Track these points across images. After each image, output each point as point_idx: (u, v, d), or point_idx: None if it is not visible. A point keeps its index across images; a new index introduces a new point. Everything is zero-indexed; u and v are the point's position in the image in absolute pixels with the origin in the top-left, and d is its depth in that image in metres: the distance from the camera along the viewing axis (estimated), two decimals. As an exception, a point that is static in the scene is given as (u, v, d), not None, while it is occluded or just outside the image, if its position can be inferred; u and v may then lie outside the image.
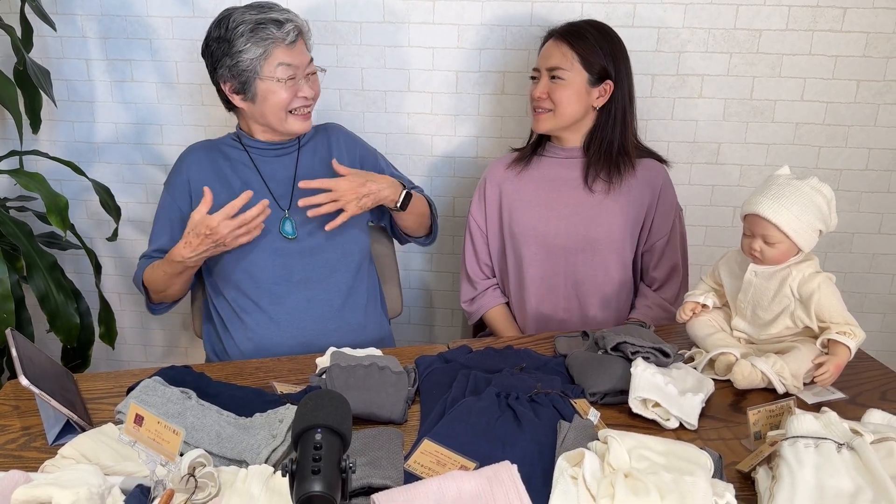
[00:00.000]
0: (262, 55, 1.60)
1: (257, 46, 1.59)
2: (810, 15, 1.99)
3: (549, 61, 1.72)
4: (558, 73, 1.70)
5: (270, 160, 1.75)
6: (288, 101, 1.64)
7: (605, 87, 1.72)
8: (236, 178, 1.72)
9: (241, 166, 1.74)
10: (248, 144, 1.75)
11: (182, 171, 1.73)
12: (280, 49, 1.61)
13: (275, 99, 1.63)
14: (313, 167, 1.77)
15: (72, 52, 2.17)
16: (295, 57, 1.63)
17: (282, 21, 1.61)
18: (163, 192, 1.76)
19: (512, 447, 1.14)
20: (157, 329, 2.51)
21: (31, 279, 1.87)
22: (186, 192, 1.72)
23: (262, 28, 1.59)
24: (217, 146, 1.77)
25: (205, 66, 1.71)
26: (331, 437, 0.88)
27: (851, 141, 2.11)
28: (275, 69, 1.61)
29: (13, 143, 2.23)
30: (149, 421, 0.94)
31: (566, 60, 1.70)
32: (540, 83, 1.74)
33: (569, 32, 1.72)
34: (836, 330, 1.33)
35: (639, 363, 1.29)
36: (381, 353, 1.46)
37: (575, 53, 1.70)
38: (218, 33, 1.63)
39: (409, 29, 2.09)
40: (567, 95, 1.71)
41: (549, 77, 1.72)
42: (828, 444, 1.04)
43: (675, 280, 1.83)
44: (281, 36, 1.60)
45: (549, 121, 1.75)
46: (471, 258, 1.92)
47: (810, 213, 1.32)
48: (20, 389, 1.35)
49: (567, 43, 1.71)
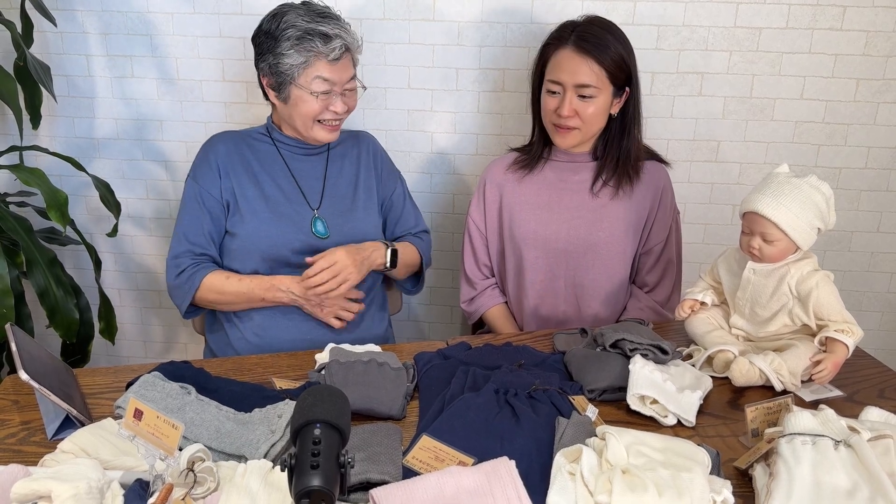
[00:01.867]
0: (303, 64, 1.59)
1: (300, 55, 1.58)
2: (810, 13, 1.99)
3: (577, 77, 1.63)
4: (588, 91, 1.63)
5: (300, 158, 1.75)
6: (317, 112, 1.64)
7: (624, 95, 1.70)
8: (264, 174, 1.71)
9: (270, 162, 1.73)
10: (279, 139, 1.75)
11: (209, 159, 1.70)
12: (322, 63, 1.59)
13: (305, 108, 1.63)
14: (342, 170, 1.78)
15: (72, 47, 2.17)
16: (335, 73, 1.61)
17: (331, 36, 1.58)
18: (187, 183, 1.72)
19: (510, 443, 1.14)
20: (157, 325, 2.52)
21: (30, 275, 1.87)
22: (216, 178, 1.69)
23: (308, 39, 1.57)
24: (244, 138, 1.75)
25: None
26: (330, 432, 0.88)
27: (851, 139, 2.11)
28: (311, 81, 1.60)
29: (13, 139, 2.23)
30: (148, 415, 0.94)
31: (595, 77, 1.63)
32: (566, 100, 1.65)
33: (592, 45, 1.63)
34: (834, 328, 1.34)
35: (637, 360, 1.29)
36: (380, 350, 1.46)
37: (604, 69, 1.63)
38: (269, 27, 1.62)
39: (409, 26, 2.09)
40: (595, 112, 1.66)
41: (575, 94, 1.64)
42: (825, 442, 1.04)
43: (668, 282, 1.83)
44: (325, 51, 1.58)
45: (576, 137, 1.70)
46: (469, 259, 1.92)
47: (809, 211, 1.32)
48: (20, 384, 1.36)
49: (594, 59, 1.62)
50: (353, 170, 1.80)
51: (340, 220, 1.73)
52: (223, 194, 1.69)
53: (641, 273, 1.84)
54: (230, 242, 1.69)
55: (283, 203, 1.70)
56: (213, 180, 1.69)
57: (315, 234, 1.69)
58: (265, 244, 1.65)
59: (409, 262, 1.82)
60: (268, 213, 1.67)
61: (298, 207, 1.71)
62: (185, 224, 1.69)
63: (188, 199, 1.70)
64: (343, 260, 1.62)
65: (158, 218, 2.35)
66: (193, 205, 1.69)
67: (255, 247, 1.66)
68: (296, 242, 1.67)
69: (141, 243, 2.40)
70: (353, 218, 1.74)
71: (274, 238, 1.66)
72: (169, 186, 2.31)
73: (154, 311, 2.49)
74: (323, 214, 1.71)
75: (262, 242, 1.65)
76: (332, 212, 1.73)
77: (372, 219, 1.79)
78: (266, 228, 1.66)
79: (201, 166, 1.71)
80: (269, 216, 1.67)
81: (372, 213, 1.79)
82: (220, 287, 1.65)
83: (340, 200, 1.75)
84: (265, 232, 1.66)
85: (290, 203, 1.70)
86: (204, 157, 1.72)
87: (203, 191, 1.69)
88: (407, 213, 1.89)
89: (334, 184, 1.76)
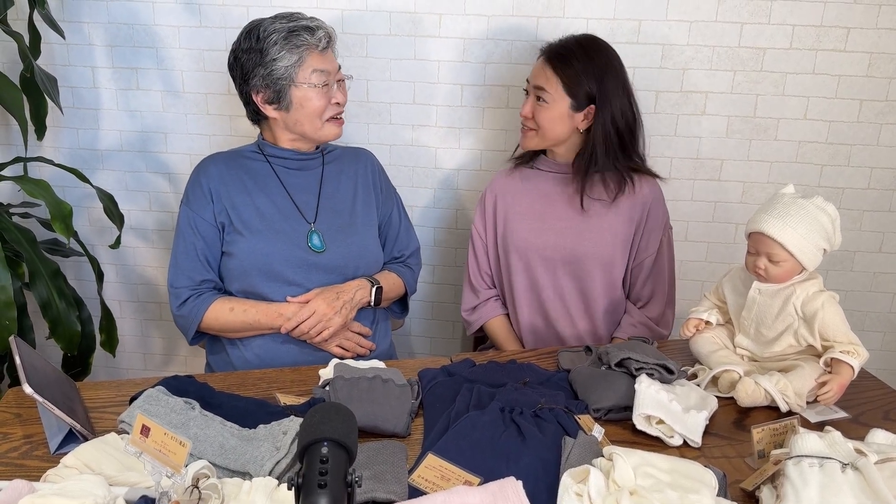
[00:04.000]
0: (297, 62, 1.61)
1: (292, 53, 1.61)
2: (814, 34, 2.01)
3: (535, 80, 1.74)
4: (542, 94, 1.72)
5: (294, 173, 1.75)
6: (324, 107, 1.66)
7: (588, 111, 1.72)
8: (259, 191, 1.70)
9: (264, 178, 1.73)
10: (271, 154, 1.75)
11: (201, 183, 1.70)
12: (314, 55, 1.63)
13: (311, 106, 1.65)
14: (339, 183, 1.78)
15: (78, 59, 2.18)
16: (327, 63, 1.65)
17: (313, 28, 1.63)
18: (181, 209, 1.71)
19: (516, 463, 1.14)
20: (157, 337, 2.51)
21: (33, 286, 1.87)
22: (208, 202, 1.68)
23: (295, 35, 1.61)
24: (236, 159, 1.75)
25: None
26: (337, 451, 0.88)
27: (854, 160, 2.12)
28: (310, 75, 1.63)
29: (17, 150, 2.23)
30: (155, 432, 0.94)
31: (550, 84, 1.71)
32: (527, 101, 1.77)
33: (556, 55, 1.72)
34: (839, 349, 1.34)
35: (643, 380, 1.29)
36: (384, 366, 1.46)
37: (558, 79, 1.70)
38: (248, 44, 1.63)
39: (414, 42, 2.10)
40: (550, 118, 1.73)
41: (534, 96, 1.75)
42: (832, 464, 1.04)
43: (661, 298, 1.84)
44: (314, 42, 1.62)
45: (534, 139, 1.79)
46: (473, 267, 1.94)
47: (815, 232, 1.32)
48: (22, 397, 1.35)
49: (551, 66, 1.71)
50: (350, 185, 1.80)
51: (340, 235, 1.72)
52: (217, 217, 1.68)
53: (634, 288, 1.85)
54: (228, 262, 1.68)
55: (279, 219, 1.69)
56: (205, 205, 1.68)
57: (311, 249, 1.69)
58: (261, 261, 1.65)
59: (392, 295, 1.83)
60: (263, 230, 1.67)
61: (294, 223, 1.70)
62: (181, 252, 1.69)
63: (182, 226, 1.70)
64: (321, 309, 1.62)
65: (161, 230, 2.35)
66: (187, 231, 1.69)
67: (251, 265, 1.65)
68: (292, 258, 1.66)
69: (143, 255, 2.39)
70: (352, 233, 1.74)
71: (270, 254, 1.65)
72: (172, 198, 2.31)
73: (154, 322, 2.48)
74: (319, 228, 1.71)
75: (258, 260, 1.65)
76: (329, 226, 1.72)
77: (371, 235, 1.79)
78: (262, 245, 1.65)
79: (193, 191, 1.70)
80: (265, 233, 1.67)
81: (371, 229, 1.79)
82: (225, 319, 1.65)
83: (338, 215, 1.75)
84: (261, 249, 1.65)
85: (285, 219, 1.70)
86: (195, 181, 1.71)
87: (196, 216, 1.68)
88: (402, 232, 1.90)
89: (331, 198, 1.76)
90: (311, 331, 1.62)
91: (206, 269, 1.68)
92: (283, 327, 1.62)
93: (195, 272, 1.68)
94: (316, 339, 1.64)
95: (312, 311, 1.62)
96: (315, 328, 1.62)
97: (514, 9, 2.05)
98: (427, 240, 2.31)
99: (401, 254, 1.90)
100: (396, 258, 1.89)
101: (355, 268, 1.73)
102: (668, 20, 2.02)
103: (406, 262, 1.91)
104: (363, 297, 1.71)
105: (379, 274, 1.79)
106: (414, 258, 1.93)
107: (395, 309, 1.93)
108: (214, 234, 1.69)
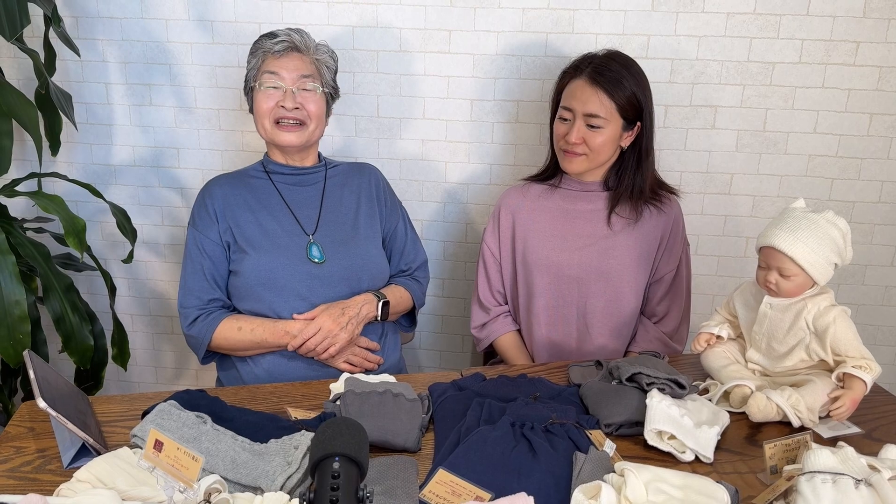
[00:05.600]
0: (256, 65, 1.72)
1: (255, 57, 1.73)
2: (823, 49, 2.01)
3: (586, 107, 1.68)
4: (596, 121, 1.68)
5: (295, 189, 1.78)
6: (269, 110, 1.70)
7: (635, 129, 1.73)
8: (262, 209, 1.73)
9: (267, 196, 1.76)
10: (273, 171, 1.78)
11: (206, 204, 1.73)
12: (269, 58, 1.71)
13: (259, 107, 1.71)
14: (341, 196, 1.80)
15: (92, 75, 2.21)
16: (280, 67, 1.69)
17: (276, 34, 1.71)
18: (188, 230, 1.75)
19: (528, 478, 1.14)
20: (168, 351, 2.52)
21: (47, 301, 1.88)
22: (213, 222, 1.71)
23: (258, 42, 1.74)
24: (240, 178, 1.79)
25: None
26: (348, 466, 0.88)
27: (864, 173, 2.12)
28: (262, 76, 1.70)
29: (32, 165, 2.26)
30: (168, 447, 0.94)
31: (604, 109, 1.68)
32: (575, 127, 1.70)
33: (606, 79, 1.68)
34: (851, 364, 1.33)
35: (654, 395, 1.29)
36: (394, 380, 1.46)
37: (614, 103, 1.67)
38: None
39: (424, 58, 2.12)
40: (603, 142, 1.70)
41: (584, 123, 1.69)
42: (845, 480, 1.03)
43: (676, 313, 1.83)
44: (269, 46, 1.70)
45: (583, 164, 1.74)
46: (483, 285, 1.93)
47: (826, 246, 1.32)
48: (35, 411, 1.36)
49: (605, 91, 1.67)
50: (353, 199, 1.81)
51: (341, 248, 1.73)
52: (222, 237, 1.71)
53: (651, 303, 1.85)
54: (234, 281, 1.70)
55: (280, 234, 1.71)
56: (210, 225, 1.71)
57: (310, 260, 1.70)
58: (265, 276, 1.66)
59: (400, 309, 1.84)
60: (266, 246, 1.69)
61: (295, 237, 1.72)
62: (189, 273, 1.72)
63: (190, 247, 1.73)
64: (326, 325, 1.63)
65: (173, 244, 2.37)
66: (195, 251, 1.72)
67: (256, 280, 1.67)
68: (294, 271, 1.67)
69: (155, 269, 2.41)
70: (354, 246, 1.75)
71: (273, 269, 1.66)
72: (184, 213, 2.33)
73: (165, 336, 2.50)
74: (318, 240, 1.72)
75: (262, 275, 1.66)
76: (329, 239, 1.73)
77: (374, 247, 1.79)
78: (264, 261, 1.67)
79: (199, 213, 1.74)
80: (267, 248, 1.68)
81: (374, 241, 1.80)
82: (234, 338, 1.66)
83: (339, 228, 1.76)
84: (264, 265, 1.67)
85: (286, 234, 1.71)
86: (201, 203, 1.75)
87: (202, 236, 1.71)
88: (409, 245, 1.91)
89: (332, 211, 1.78)
90: (318, 347, 1.63)
91: (213, 288, 1.70)
92: (289, 345, 1.63)
93: (203, 292, 1.70)
94: (323, 355, 1.65)
95: (318, 328, 1.63)
96: (321, 345, 1.63)
97: (524, 25, 2.06)
98: (436, 253, 2.31)
99: (408, 267, 1.90)
100: (404, 271, 1.90)
101: (358, 279, 1.73)
102: (676, 35, 2.03)
103: (413, 274, 1.91)
104: (369, 311, 1.71)
105: (386, 288, 1.80)
106: (421, 271, 1.94)
107: (404, 322, 1.93)
108: (221, 253, 1.71)
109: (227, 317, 1.68)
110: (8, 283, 1.72)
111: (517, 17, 2.06)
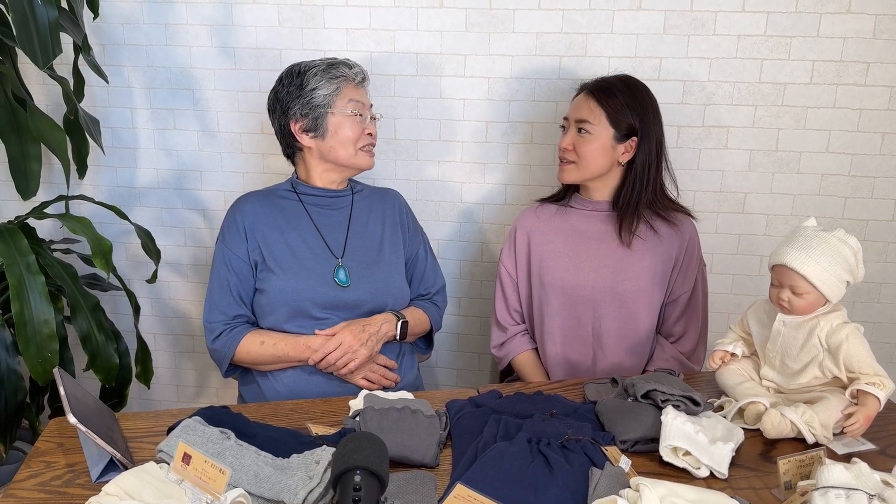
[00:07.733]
0: (335, 91, 1.73)
1: (330, 83, 1.73)
2: (834, 69, 2.03)
3: (577, 114, 1.77)
4: (585, 126, 1.75)
5: (325, 212, 1.81)
6: (357, 136, 1.75)
7: (630, 144, 1.76)
8: (291, 230, 1.77)
9: (296, 217, 1.79)
10: (303, 192, 1.81)
11: (236, 221, 1.76)
12: (350, 87, 1.74)
13: (344, 133, 1.74)
14: (368, 225, 1.83)
15: (117, 101, 2.27)
16: (362, 96, 1.77)
17: (351, 64, 1.76)
18: (216, 246, 1.78)
19: (545, 493, 1.16)
20: (190, 369, 2.56)
21: (74, 320, 1.93)
22: (243, 240, 1.75)
23: (334, 68, 1.74)
24: (270, 197, 1.81)
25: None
26: (369, 479, 0.91)
27: (877, 192, 2.13)
28: (346, 104, 1.73)
29: (59, 188, 2.32)
30: (196, 460, 0.97)
31: (593, 115, 1.74)
32: (567, 134, 1.79)
33: (599, 88, 1.76)
34: (865, 380, 1.34)
35: (669, 411, 1.30)
36: (412, 397, 1.49)
37: (603, 110, 1.74)
38: (290, 80, 1.75)
39: (441, 81, 2.16)
40: (592, 149, 1.75)
41: (576, 129, 1.77)
42: (859, 495, 1.04)
43: (693, 334, 1.84)
44: (351, 75, 1.74)
45: (573, 172, 1.80)
46: (501, 305, 1.95)
47: (837, 264, 1.34)
48: (64, 427, 1.40)
49: (596, 99, 1.75)
50: (378, 225, 1.85)
51: (366, 272, 1.77)
52: (250, 255, 1.74)
53: (668, 323, 1.86)
54: (259, 299, 1.73)
55: (308, 256, 1.74)
56: (239, 242, 1.75)
57: (337, 283, 1.73)
58: (290, 297, 1.70)
59: (418, 331, 1.87)
60: (293, 268, 1.72)
61: (323, 260, 1.75)
62: (215, 288, 1.75)
63: (217, 263, 1.76)
64: (347, 341, 1.66)
65: (195, 265, 2.42)
66: (222, 267, 1.75)
67: (281, 301, 1.70)
68: (318, 295, 1.71)
69: (178, 289, 2.46)
70: (378, 271, 1.78)
71: (298, 291, 1.70)
72: (207, 234, 2.38)
73: (187, 355, 2.54)
74: (346, 263, 1.76)
75: (287, 296, 1.70)
76: (356, 263, 1.77)
77: (398, 272, 1.83)
78: (292, 283, 1.70)
79: (229, 229, 1.77)
80: (295, 270, 1.72)
81: (398, 266, 1.84)
82: (256, 352, 1.70)
83: (364, 253, 1.79)
84: (291, 286, 1.70)
85: (314, 256, 1.75)
86: (231, 219, 1.78)
87: (230, 253, 1.75)
88: (429, 270, 1.95)
89: (359, 236, 1.81)
90: (338, 362, 1.66)
91: (238, 304, 1.74)
92: (310, 359, 1.67)
93: (228, 307, 1.73)
94: (342, 370, 1.68)
95: (339, 343, 1.66)
96: (341, 360, 1.66)
97: (537, 49, 2.10)
98: (453, 272, 2.35)
99: (427, 291, 1.94)
100: (423, 295, 1.93)
101: (382, 304, 1.77)
102: (688, 57, 2.07)
103: (432, 299, 1.94)
104: (389, 330, 1.74)
105: (405, 310, 1.83)
106: (440, 295, 1.97)
107: (420, 345, 1.96)
108: (248, 270, 1.74)
109: (251, 331, 1.72)
110: (38, 302, 1.77)
111: (531, 41, 2.10)
